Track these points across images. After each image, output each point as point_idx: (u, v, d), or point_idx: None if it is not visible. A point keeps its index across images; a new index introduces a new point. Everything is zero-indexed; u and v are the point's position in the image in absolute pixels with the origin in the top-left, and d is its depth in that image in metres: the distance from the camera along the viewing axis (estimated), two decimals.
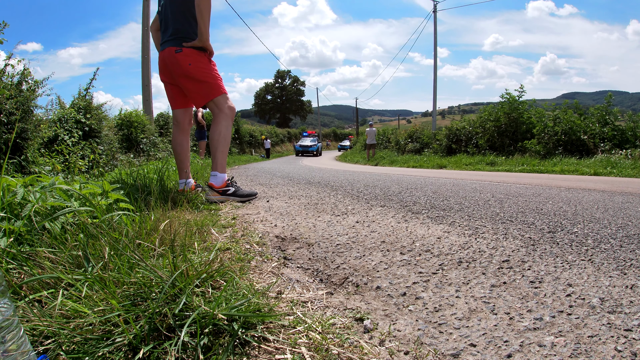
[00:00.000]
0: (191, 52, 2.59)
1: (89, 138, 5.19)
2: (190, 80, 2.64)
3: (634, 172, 6.09)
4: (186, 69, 2.59)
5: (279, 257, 1.42)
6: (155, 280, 0.83)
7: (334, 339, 0.80)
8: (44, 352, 0.67)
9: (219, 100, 2.69)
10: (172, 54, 2.60)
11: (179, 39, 2.60)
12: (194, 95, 2.69)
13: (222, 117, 2.69)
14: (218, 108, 2.69)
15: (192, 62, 2.59)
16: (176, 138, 2.87)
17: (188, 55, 2.59)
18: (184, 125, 2.89)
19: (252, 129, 29.07)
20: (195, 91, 2.66)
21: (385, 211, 2.35)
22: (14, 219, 1.21)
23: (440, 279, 1.19)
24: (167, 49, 2.63)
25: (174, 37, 2.61)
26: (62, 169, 3.84)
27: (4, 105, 3.14)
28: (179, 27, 2.61)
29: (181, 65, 2.59)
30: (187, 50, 2.59)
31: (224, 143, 2.72)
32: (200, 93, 2.67)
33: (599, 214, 2.18)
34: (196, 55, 2.61)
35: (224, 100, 2.71)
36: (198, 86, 2.65)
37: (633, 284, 1.10)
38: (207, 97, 2.67)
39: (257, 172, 7.44)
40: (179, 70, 2.61)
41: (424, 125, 18.76)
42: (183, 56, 2.58)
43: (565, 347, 0.78)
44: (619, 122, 9.12)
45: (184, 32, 2.61)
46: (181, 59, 2.58)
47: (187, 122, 2.91)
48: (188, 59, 2.58)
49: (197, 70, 2.61)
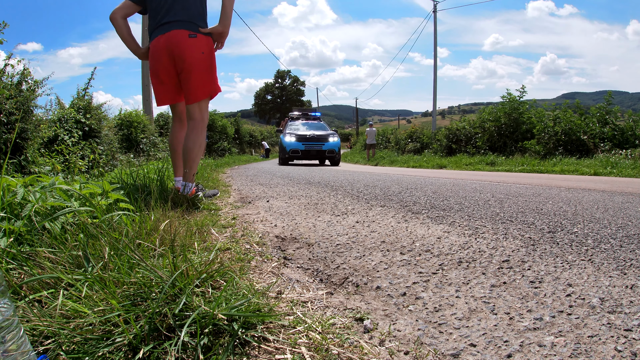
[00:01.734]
0: (206, 39, 2.31)
1: (89, 138, 5.19)
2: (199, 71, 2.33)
3: (634, 172, 6.09)
4: (198, 58, 2.29)
5: (279, 257, 1.42)
6: (155, 280, 0.83)
7: (334, 339, 0.80)
8: (44, 352, 0.67)
9: (204, 105, 2.45)
10: (185, 39, 2.26)
11: (191, 22, 2.28)
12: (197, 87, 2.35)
13: (202, 126, 2.44)
14: (201, 115, 2.43)
15: (205, 52, 2.31)
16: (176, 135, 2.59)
17: (203, 42, 2.30)
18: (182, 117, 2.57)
19: (252, 129, 29.06)
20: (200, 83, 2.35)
21: (385, 211, 2.35)
22: (14, 219, 1.21)
23: (440, 279, 1.19)
24: (174, 32, 2.26)
25: (185, 19, 2.28)
26: (62, 169, 3.84)
27: (3, 105, 3.14)
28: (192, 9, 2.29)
29: (194, 52, 2.27)
30: (201, 36, 2.28)
31: (199, 155, 2.49)
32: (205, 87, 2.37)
33: (599, 214, 2.18)
34: (209, 44, 2.34)
35: (206, 106, 2.47)
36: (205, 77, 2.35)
37: (633, 284, 1.10)
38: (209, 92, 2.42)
39: (257, 172, 7.44)
40: (190, 59, 2.28)
41: (424, 125, 18.78)
42: (197, 42, 2.27)
43: (565, 347, 0.78)
44: (619, 121, 9.13)
45: (196, 16, 2.30)
46: (195, 46, 2.27)
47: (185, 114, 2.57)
48: (202, 46, 2.29)
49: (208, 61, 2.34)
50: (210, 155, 14.51)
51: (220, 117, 19.57)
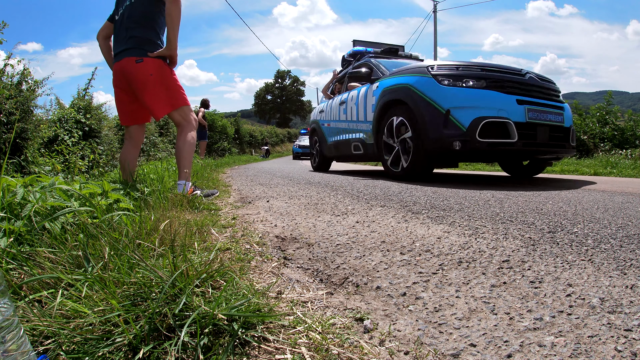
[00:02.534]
0: (153, 62, 2.48)
1: (89, 138, 5.19)
2: (151, 91, 2.50)
3: (634, 172, 6.09)
4: (146, 80, 2.47)
5: (279, 257, 1.42)
6: (155, 280, 0.83)
7: (334, 339, 0.80)
8: (44, 352, 0.67)
9: (185, 111, 2.61)
10: (132, 64, 2.47)
11: (139, 49, 2.48)
12: (157, 104, 2.53)
13: (189, 127, 2.63)
14: (185, 119, 2.61)
15: (153, 73, 2.47)
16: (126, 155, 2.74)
17: (149, 65, 2.47)
18: (138, 141, 2.79)
19: (252, 129, 29.05)
20: (158, 100, 2.53)
21: (385, 211, 2.35)
22: (14, 219, 1.21)
23: (440, 279, 1.19)
24: (125, 60, 2.49)
25: (134, 47, 2.48)
26: (62, 169, 3.84)
27: (3, 105, 3.14)
28: (140, 36, 2.49)
29: (142, 75, 2.47)
30: (148, 60, 2.47)
31: (191, 152, 2.68)
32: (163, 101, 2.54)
33: (599, 214, 2.18)
34: (158, 65, 2.50)
35: (189, 111, 2.64)
36: (162, 94, 2.53)
37: (633, 284, 1.10)
38: (172, 105, 2.57)
39: (257, 172, 7.44)
40: (139, 82, 2.48)
41: None
42: (144, 66, 2.46)
43: (565, 347, 0.78)
44: (619, 121, 9.13)
45: (145, 41, 2.49)
46: (142, 70, 2.46)
47: (142, 139, 2.86)
48: (149, 69, 2.47)
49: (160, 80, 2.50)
50: (210, 155, 14.50)
51: (220, 117, 19.56)
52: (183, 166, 2.64)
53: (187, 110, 2.64)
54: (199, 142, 10.28)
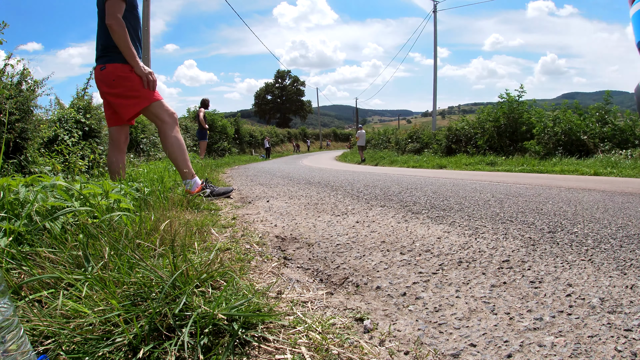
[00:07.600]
0: (114, 67, 2.56)
1: (89, 138, 5.19)
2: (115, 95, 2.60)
3: (634, 172, 6.09)
4: (110, 85, 2.57)
5: (279, 257, 1.42)
6: (156, 280, 0.83)
7: (334, 339, 0.80)
8: (44, 352, 0.67)
9: (155, 109, 2.63)
10: (98, 72, 2.59)
11: (104, 57, 2.59)
12: (121, 109, 2.62)
13: (166, 127, 2.64)
14: (159, 118, 2.64)
15: (115, 78, 2.56)
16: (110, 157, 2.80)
17: (110, 70, 2.57)
18: (119, 143, 2.82)
19: (252, 129, 29.02)
20: (122, 105, 2.61)
21: (385, 211, 2.35)
22: (14, 218, 1.21)
23: (440, 279, 1.19)
24: (95, 68, 2.63)
25: (100, 55, 2.61)
26: (62, 169, 3.84)
27: (3, 105, 3.14)
28: (104, 44, 2.59)
29: (105, 81, 2.58)
30: (110, 66, 2.56)
31: (181, 151, 2.67)
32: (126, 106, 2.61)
33: (599, 214, 2.18)
34: (119, 71, 2.56)
35: (160, 107, 2.64)
36: (124, 100, 2.61)
37: (633, 284, 1.10)
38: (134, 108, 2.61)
39: (257, 172, 7.44)
40: (104, 88, 2.60)
41: (424, 125, 18.78)
42: (106, 72, 2.57)
43: (565, 347, 0.78)
44: (619, 121, 9.13)
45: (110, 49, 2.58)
46: (105, 76, 2.57)
47: (123, 140, 2.84)
48: (111, 75, 2.57)
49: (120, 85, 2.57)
50: (210, 155, 14.49)
51: (220, 117, 19.55)
52: (180, 167, 2.64)
53: (157, 107, 2.63)
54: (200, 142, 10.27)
